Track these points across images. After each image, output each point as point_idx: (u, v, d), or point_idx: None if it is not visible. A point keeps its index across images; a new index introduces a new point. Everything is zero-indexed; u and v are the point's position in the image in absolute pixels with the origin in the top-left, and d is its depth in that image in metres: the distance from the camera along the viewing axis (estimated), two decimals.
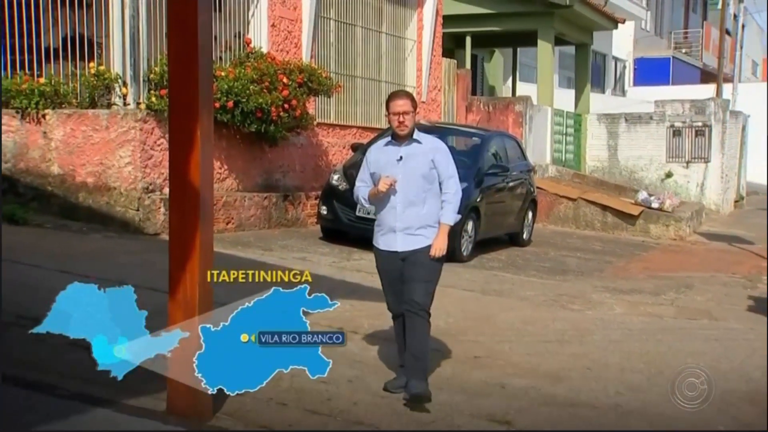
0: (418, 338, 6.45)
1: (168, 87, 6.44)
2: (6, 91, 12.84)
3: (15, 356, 6.55)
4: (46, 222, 12.12)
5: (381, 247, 6.64)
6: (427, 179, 6.51)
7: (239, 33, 14.74)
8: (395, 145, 6.57)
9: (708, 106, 24.36)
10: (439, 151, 6.60)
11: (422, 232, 6.50)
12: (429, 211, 6.54)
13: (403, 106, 6.43)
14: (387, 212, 6.55)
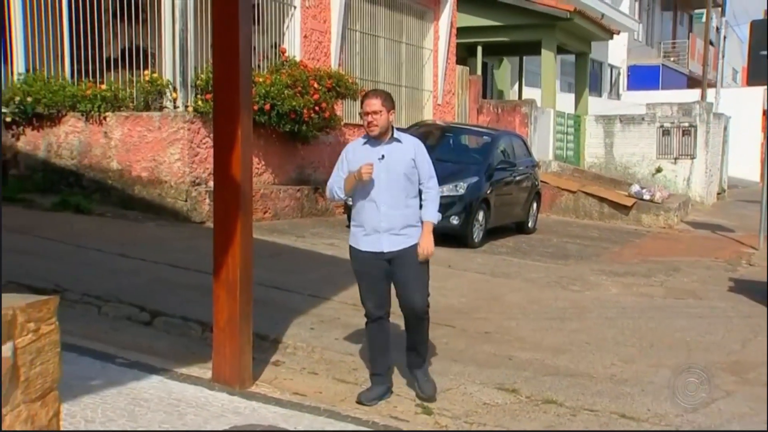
0: (422, 337, 6.01)
1: (213, 92, 6.45)
2: (72, 97, 12.92)
3: (81, 329, 6.60)
4: (106, 211, 12.18)
5: (363, 248, 5.85)
6: (409, 179, 5.83)
7: (275, 43, 14.75)
8: (375, 145, 5.85)
9: (694, 109, 24.29)
10: (418, 150, 5.92)
11: (406, 232, 5.83)
12: (412, 211, 5.87)
13: (374, 105, 5.74)
14: (369, 212, 5.81)
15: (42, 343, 3.18)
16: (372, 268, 5.84)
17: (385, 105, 5.75)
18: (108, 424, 4.85)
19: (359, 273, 5.93)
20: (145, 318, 7.42)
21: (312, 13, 15.40)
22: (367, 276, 5.88)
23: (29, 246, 9.54)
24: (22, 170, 13.34)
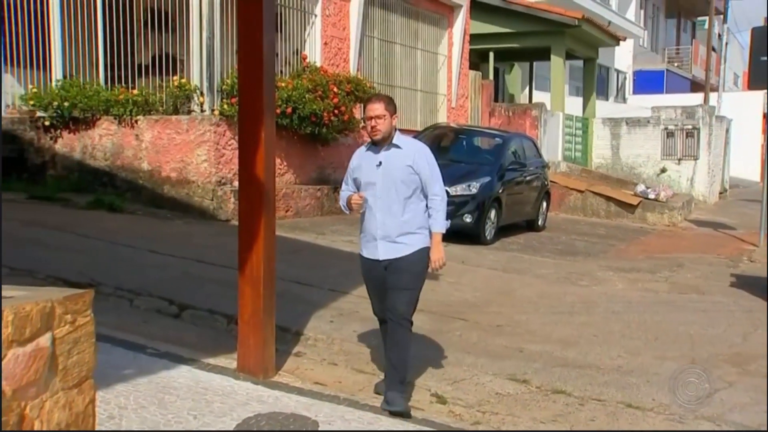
0: (398, 348, 5.48)
1: (238, 96, 6.47)
2: (106, 101, 12.99)
3: (114, 321, 6.64)
4: (137, 210, 12.23)
5: (365, 255, 5.65)
6: (407, 185, 5.45)
7: (297, 50, 14.78)
8: (375, 151, 5.56)
9: (697, 112, 24.19)
10: (419, 155, 5.52)
11: (403, 240, 5.47)
12: (410, 218, 5.49)
13: (377, 110, 5.44)
14: (368, 220, 5.57)
15: (78, 334, 3.21)
16: (373, 275, 5.64)
17: (387, 109, 5.47)
18: (140, 411, 4.89)
19: (364, 278, 5.79)
20: (174, 311, 7.45)
21: (332, 21, 15.42)
22: (370, 282, 5.72)
23: (66, 242, 9.61)
24: (59, 171, 13.43)
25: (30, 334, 3.01)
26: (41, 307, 3.06)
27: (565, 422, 5.65)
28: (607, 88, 36.74)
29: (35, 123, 13.56)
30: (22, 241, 9.07)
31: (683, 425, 5.76)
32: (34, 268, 7.93)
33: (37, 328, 3.03)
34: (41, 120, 13.43)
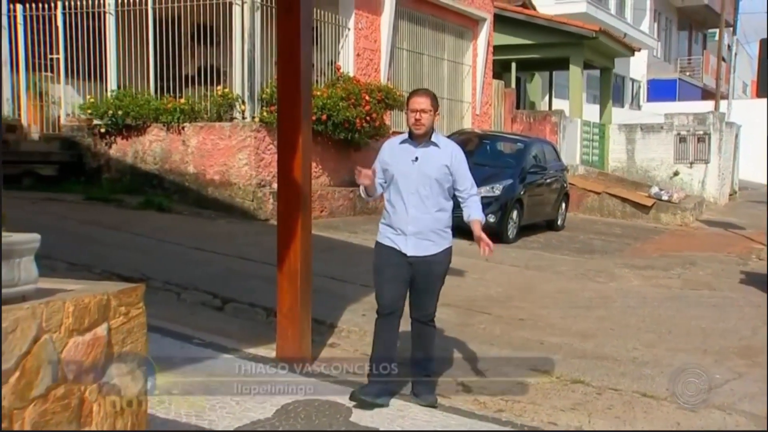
0: (426, 345, 5.27)
1: (277, 104, 6.49)
2: (155, 110, 13.09)
3: (163, 313, 6.68)
4: (184, 210, 12.31)
5: (388, 244, 5.18)
6: (441, 183, 5.13)
7: (331, 61, 14.80)
8: (412, 145, 5.17)
9: (708, 118, 23.96)
10: (456, 157, 5.21)
11: (433, 238, 5.15)
12: (441, 216, 5.18)
13: (422, 104, 5.09)
14: (398, 214, 5.15)
15: (131, 324, 3.25)
16: (393, 265, 5.14)
17: (432, 105, 5.14)
18: (187, 396, 4.92)
19: (380, 267, 5.21)
20: (218, 304, 7.50)
21: (364, 34, 15.43)
22: (388, 270, 5.16)
23: (120, 240, 9.70)
24: (113, 174, 13.54)
25: (88, 324, 3.05)
26: (98, 299, 3.10)
27: (583, 410, 5.61)
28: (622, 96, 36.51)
29: (92, 130, 13.68)
30: (80, 238, 9.18)
31: (695, 414, 5.71)
32: (91, 263, 8.02)
33: (94, 318, 3.08)
34: (98, 127, 13.56)
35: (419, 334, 5.26)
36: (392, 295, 5.16)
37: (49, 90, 14.55)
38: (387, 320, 5.18)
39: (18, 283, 2.84)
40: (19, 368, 2.77)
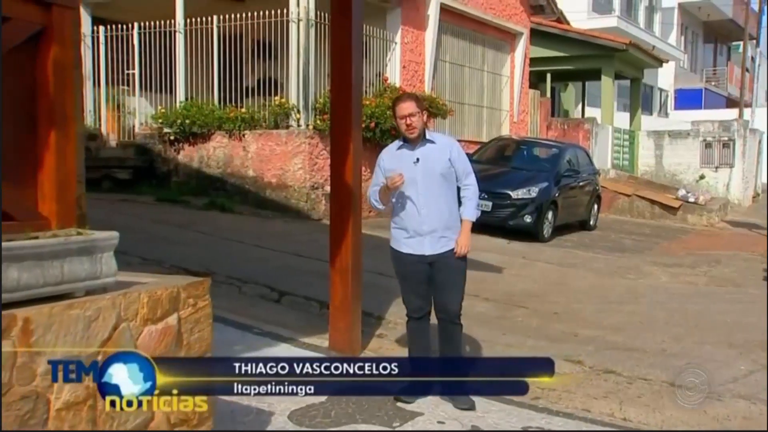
0: (454, 345, 4.96)
1: (330, 113, 6.52)
2: (219, 119, 13.22)
3: (225, 304, 6.74)
4: (244, 210, 12.40)
5: (405, 251, 4.92)
6: (447, 178, 4.85)
7: (379, 72, 14.81)
8: (409, 149, 4.87)
9: (732, 125, 23.59)
10: (454, 148, 4.95)
11: (447, 234, 4.85)
12: (452, 211, 4.89)
13: (409, 108, 4.79)
14: (410, 216, 4.86)
15: (199, 315, 3.29)
16: (414, 271, 4.91)
17: (419, 106, 4.84)
18: None
19: (402, 274, 5.01)
20: (275, 297, 7.54)
21: (410, 47, 15.43)
22: (411, 278, 4.93)
23: (187, 238, 9.81)
24: (181, 177, 13.70)
25: (161, 314, 3.09)
26: (170, 291, 3.15)
27: (615, 398, 5.55)
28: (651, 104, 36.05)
29: (162, 138, 13.85)
30: (152, 236, 9.30)
31: (721, 403, 5.61)
32: (161, 258, 8.13)
33: (166, 309, 3.12)
34: (167, 135, 13.73)
35: (446, 333, 4.96)
36: (419, 300, 4.96)
37: (125, 102, 14.82)
38: (418, 324, 5.01)
39: (100, 276, 2.89)
40: (101, 352, 2.82)
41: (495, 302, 8.07)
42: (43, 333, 2.62)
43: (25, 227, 2.96)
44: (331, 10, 6.20)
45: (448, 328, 4.93)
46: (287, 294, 7.55)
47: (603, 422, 4.98)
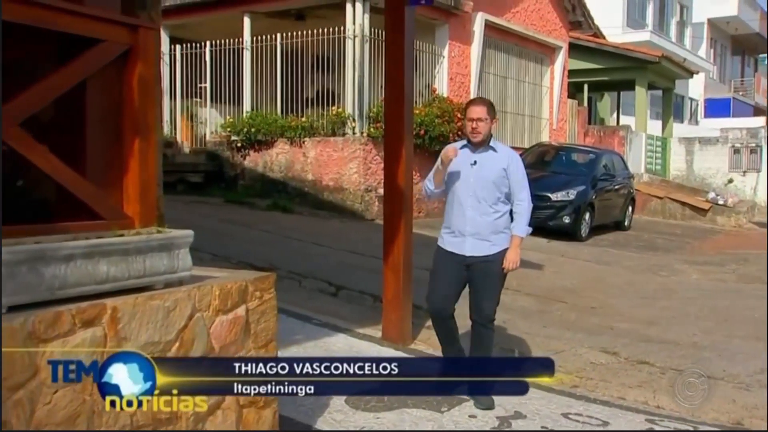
0: (484, 347, 4.66)
1: (384, 121, 6.53)
2: (281, 127, 13.34)
3: (287, 297, 6.79)
4: (304, 211, 12.48)
5: (447, 249, 4.69)
6: (498, 186, 4.57)
7: (428, 84, 14.79)
8: (471, 150, 4.64)
9: (759, 132, 23.12)
10: (513, 161, 4.65)
11: (492, 238, 4.57)
12: (498, 218, 4.60)
13: (479, 113, 4.57)
14: (456, 216, 4.65)
15: (265, 306, 3.31)
16: (449, 268, 4.65)
17: (489, 113, 4.60)
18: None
19: (436, 268, 4.75)
20: (332, 291, 7.56)
21: (456, 60, 15.37)
22: (444, 272, 4.68)
23: (252, 236, 9.91)
24: (247, 181, 13.85)
25: (231, 306, 3.13)
26: (239, 285, 3.18)
27: (649, 388, 5.45)
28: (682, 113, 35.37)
29: (230, 145, 14.03)
30: (220, 234, 9.41)
31: (750, 392, 5.48)
32: (229, 255, 8.22)
33: (235, 301, 3.15)
34: (235, 143, 13.90)
35: (478, 336, 4.68)
36: (442, 302, 4.66)
37: (197, 113, 15.05)
38: (442, 323, 4.73)
39: (177, 270, 2.94)
40: (178, 339, 2.87)
41: (536, 297, 8.00)
42: (129, 321, 2.67)
43: (112, 226, 3.02)
44: (385, 28, 6.21)
45: (480, 331, 4.66)
46: (343, 288, 7.57)
47: (637, 410, 4.90)
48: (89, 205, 3.02)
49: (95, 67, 3.02)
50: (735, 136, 23.38)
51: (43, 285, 2.45)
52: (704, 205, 19.46)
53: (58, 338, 2.44)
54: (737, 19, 38.07)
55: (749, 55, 47.12)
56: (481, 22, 15.78)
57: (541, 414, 4.63)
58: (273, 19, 14.00)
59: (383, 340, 5.87)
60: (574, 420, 4.58)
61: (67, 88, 2.95)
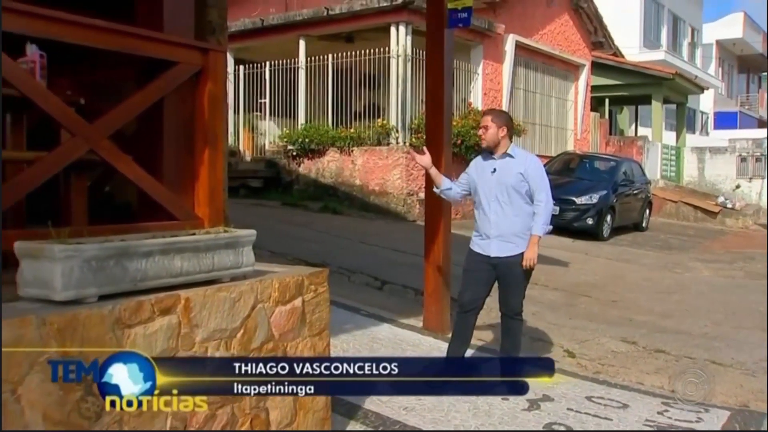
0: (513, 338, 4.61)
1: (425, 132, 6.50)
2: (332, 137, 13.35)
3: (337, 290, 6.79)
4: (352, 213, 12.49)
5: (476, 250, 4.59)
6: (518, 190, 4.43)
7: (464, 98, 14.71)
8: (491, 159, 4.54)
9: (764, 142, 22.63)
10: (530, 165, 4.50)
11: (515, 240, 4.44)
12: (520, 220, 4.45)
13: (484, 121, 4.50)
14: (482, 220, 4.55)
15: (319, 299, 3.31)
16: (478, 269, 4.54)
17: (494, 121, 4.47)
18: (356, 353, 4.99)
19: (468, 270, 4.62)
20: (378, 285, 7.54)
21: (490, 77, 15.27)
22: (473, 274, 4.57)
23: (305, 235, 9.94)
24: (301, 186, 13.91)
25: (289, 297, 3.13)
26: (296, 279, 3.18)
27: (664, 374, 5.33)
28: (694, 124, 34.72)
29: (287, 153, 14.11)
30: (278, 233, 9.46)
31: (755, 378, 5.34)
32: (285, 252, 8.24)
33: (293, 293, 3.16)
34: (290, 151, 13.97)
35: (507, 327, 4.62)
36: (471, 296, 4.56)
37: (258, 125, 15.17)
38: (465, 317, 4.62)
39: (241, 265, 2.95)
40: (242, 327, 2.88)
41: (562, 291, 7.90)
42: (200, 310, 2.69)
43: (185, 226, 3.06)
44: (426, 48, 6.19)
45: (508, 323, 4.60)
46: (388, 282, 7.53)
47: (654, 393, 4.82)
48: (166, 207, 3.06)
49: (172, 86, 3.07)
50: (742, 146, 23.02)
51: (127, 277, 2.49)
52: (714, 208, 19.12)
53: (140, 324, 2.47)
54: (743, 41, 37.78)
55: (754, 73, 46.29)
56: (512, 43, 15.66)
57: (567, 397, 4.58)
58: (325, 42, 14.06)
59: (424, 330, 5.84)
60: (597, 403, 4.52)
61: (148, 104, 3.00)
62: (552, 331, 6.30)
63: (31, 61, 3.05)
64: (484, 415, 4.17)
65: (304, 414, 3.21)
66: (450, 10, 5.89)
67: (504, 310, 4.62)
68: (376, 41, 13.12)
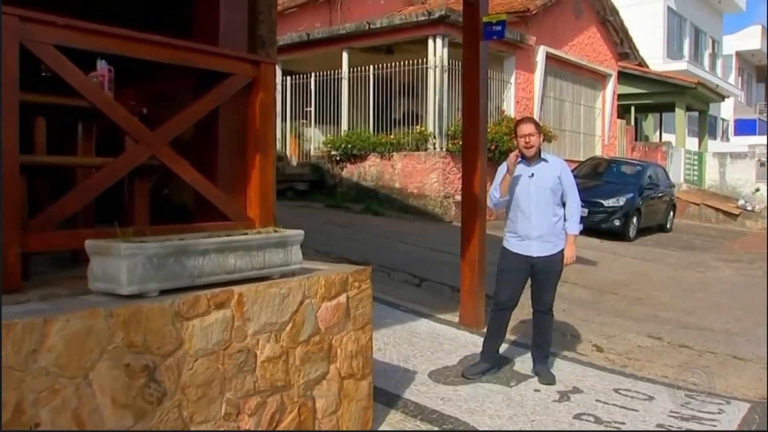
0: (545, 331, 4.64)
1: (462, 138, 6.44)
2: (373, 143, 13.30)
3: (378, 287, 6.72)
4: (392, 214, 12.46)
5: (514, 251, 4.53)
6: (555, 193, 4.47)
7: (497, 106, 14.57)
8: (527, 164, 4.48)
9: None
10: (564, 169, 4.54)
11: (553, 240, 4.47)
12: (557, 221, 4.49)
13: (529, 129, 4.44)
14: (522, 222, 4.49)
15: (362, 295, 3.29)
16: (517, 268, 4.51)
17: (537, 129, 4.49)
18: (397, 347, 4.97)
19: (505, 270, 4.57)
20: (416, 282, 7.50)
21: (522, 86, 15.10)
22: (512, 273, 4.53)
23: (348, 235, 9.95)
24: (344, 189, 13.94)
25: (334, 294, 3.12)
26: (341, 276, 3.17)
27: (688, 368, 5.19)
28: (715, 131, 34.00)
29: (330, 158, 14.15)
30: (322, 233, 9.50)
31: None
32: (329, 250, 8.27)
33: (338, 290, 3.14)
34: (334, 156, 14.00)
35: (539, 322, 4.64)
36: (509, 294, 4.55)
37: (303, 132, 15.25)
38: (501, 314, 4.61)
39: (290, 263, 2.94)
40: (291, 321, 2.88)
41: (591, 289, 7.75)
42: (252, 305, 2.69)
43: (238, 226, 3.07)
44: (462, 59, 6.13)
45: (541, 318, 4.63)
46: (426, 280, 7.49)
47: (678, 386, 4.69)
48: (220, 209, 3.08)
49: (226, 95, 3.08)
50: (761, 151, 22.51)
51: (185, 273, 2.50)
52: (735, 210, 18.66)
53: (197, 317, 2.48)
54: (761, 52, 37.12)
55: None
56: (543, 54, 15.47)
57: (595, 389, 4.49)
58: (367, 54, 14.07)
59: (460, 325, 5.79)
60: (624, 395, 4.43)
61: (204, 113, 3.02)
62: (581, 326, 6.18)
63: (101, 75, 3.09)
64: (517, 405, 4.11)
65: (348, 402, 3.20)
66: (485, 23, 5.83)
67: (536, 306, 4.64)
68: (415, 53, 13.08)
